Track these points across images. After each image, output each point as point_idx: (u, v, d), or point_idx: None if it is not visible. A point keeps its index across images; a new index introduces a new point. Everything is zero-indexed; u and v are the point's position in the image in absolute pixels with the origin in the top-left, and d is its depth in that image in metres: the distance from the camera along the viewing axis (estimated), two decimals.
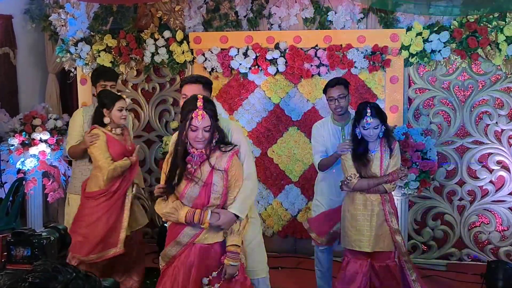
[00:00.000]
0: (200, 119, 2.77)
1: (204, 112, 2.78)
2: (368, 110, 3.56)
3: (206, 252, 2.90)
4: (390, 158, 3.66)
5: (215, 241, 2.91)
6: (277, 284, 4.19)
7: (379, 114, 3.61)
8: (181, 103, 3.03)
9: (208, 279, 2.86)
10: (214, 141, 2.85)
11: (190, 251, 2.89)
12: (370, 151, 3.65)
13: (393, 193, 4.65)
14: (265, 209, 5.42)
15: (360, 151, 3.63)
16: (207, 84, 3.26)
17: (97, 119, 3.96)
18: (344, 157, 3.71)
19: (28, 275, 1.15)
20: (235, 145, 2.95)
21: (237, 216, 2.89)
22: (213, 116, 2.82)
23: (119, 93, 4.14)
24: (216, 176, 2.85)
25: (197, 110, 2.78)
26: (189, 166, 2.86)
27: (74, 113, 4.42)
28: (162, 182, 2.97)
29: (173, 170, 2.87)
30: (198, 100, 2.80)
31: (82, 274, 1.18)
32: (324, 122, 4.16)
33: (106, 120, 3.95)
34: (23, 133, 5.12)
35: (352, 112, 4.01)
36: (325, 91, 4.05)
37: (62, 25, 5.62)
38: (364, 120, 3.56)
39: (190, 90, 3.13)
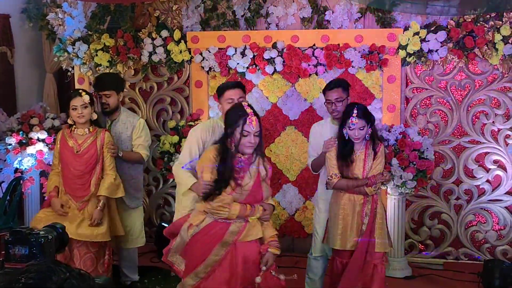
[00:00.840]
0: (254, 124, 2.93)
1: (257, 118, 2.96)
2: (355, 111, 3.56)
3: (250, 249, 3.03)
4: (373, 161, 3.66)
5: (255, 238, 3.07)
6: None
7: (366, 116, 3.61)
8: (225, 108, 3.31)
9: (259, 277, 2.98)
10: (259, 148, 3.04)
11: (235, 252, 3.01)
12: (355, 152, 3.66)
13: (390, 192, 4.70)
14: None
15: (346, 151, 3.64)
16: (244, 88, 3.61)
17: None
18: (328, 155, 3.72)
19: (21, 276, 1.14)
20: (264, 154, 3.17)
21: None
22: (260, 121, 2.99)
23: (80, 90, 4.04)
24: (263, 182, 3.09)
25: (250, 116, 2.93)
26: (237, 171, 2.99)
27: None
28: (207, 178, 3.02)
29: (222, 176, 2.97)
30: (246, 107, 2.98)
31: (75, 272, 1.17)
32: (323, 124, 4.15)
33: (70, 121, 4.00)
34: (21, 132, 5.12)
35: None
36: (324, 92, 4.04)
37: (60, 24, 5.62)
38: (350, 121, 3.57)
39: (235, 94, 3.45)
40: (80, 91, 3.97)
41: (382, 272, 3.70)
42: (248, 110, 2.95)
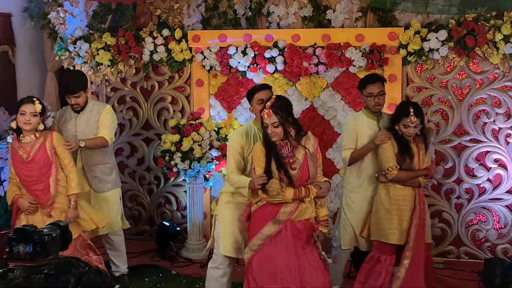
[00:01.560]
0: (267, 117, 3.23)
1: (270, 111, 3.22)
2: (411, 110, 3.71)
3: (303, 226, 3.29)
4: (425, 154, 3.84)
5: (308, 218, 3.31)
6: None
7: (421, 114, 3.78)
8: (257, 108, 3.56)
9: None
10: (290, 134, 3.27)
11: (287, 229, 3.25)
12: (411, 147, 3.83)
13: None
14: None
15: (405, 146, 3.78)
16: (271, 88, 3.82)
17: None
18: (384, 147, 3.82)
19: (43, 267, 1.17)
20: (306, 133, 3.40)
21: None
22: (280, 113, 3.22)
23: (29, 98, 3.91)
24: (309, 161, 3.30)
25: (264, 110, 3.25)
26: (283, 153, 3.27)
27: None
28: (258, 171, 3.29)
29: (269, 166, 3.25)
30: (269, 101, 3.29)
31: (94, 268, 1.22)
32: (358, 116, 4.19)
33: (14, 124, 3.89)
34: None
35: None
36: (363, 87, 4.08)
37: (61, 23, 5.63)
38: (408, 119, 3.70)
39: (264, 95, 3.63)
40: (34, 99, 3.85)
41: (432, 261, 3.94)
42: (267, 104, 3.26)
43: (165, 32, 5.34)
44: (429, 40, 4.82)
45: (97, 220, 4.06)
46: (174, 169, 5.07)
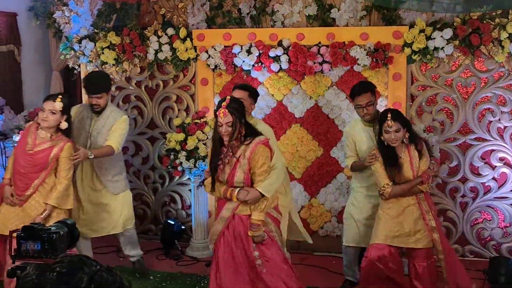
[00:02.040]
0: (222, 116, 3.36)
1: (226, 110, 3.33)
2: (389, 115, 3.70)
3: (246, 220, 3.49)
4: (420, 160, 3.77)
5: (246, 214, 3.51)
6: None
7: (400, 118, 3.75)
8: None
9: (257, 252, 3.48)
10: (240, 135, 3.42)
11: (235, 223, 3.52)
12: (400, 156, 3.77)
13: None
14: None
15: (391, 157, 3.75)
16: (253, 92, 4.08)
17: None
18: (374, 168, 3.84)
19: (55, 265, 1.19)
20: (259, 136, 3.48)
21: (263, 195, 3.44)
22: (235, 113, 3.36)
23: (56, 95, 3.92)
24: (239, 165, 3.44)
25: (220, 109, 3.36)
26: (226, 153, 3.47)
27: None
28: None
29: (213, 160, 3.52)
30: (225, 101, 3.40)
31: (104, 267, 1.23)
32: (354, 124, 4.32)
33: (37, 119, 3.88)
34: None
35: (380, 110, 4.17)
36: (352, 97, 4.18)
37: (66, 23, 5.64)
38: (385, 124, 3.69)
39: (237, 94, 3.83)
40: (58, 96, 3.83)
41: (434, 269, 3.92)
42: (223, 103, 3.38)
43: (170, 31, 5.35)
44: (434, 38, 4.81)
45: None
46: (179, 168, 5.08)
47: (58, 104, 3.75)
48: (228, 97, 3.47)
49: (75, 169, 4.20)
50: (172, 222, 5.42)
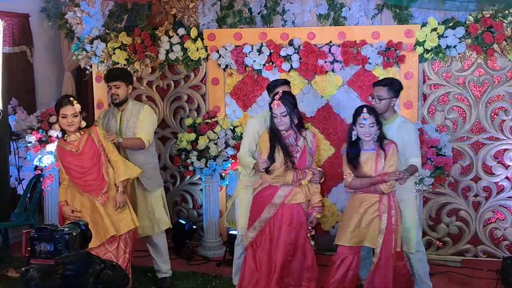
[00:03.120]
0: (276, 108, 3.71)
1: (280, 102, 3.69)
2: (364, 109, 3.70)
3: (295, 210, 3.79)
4: (385, 161, 3.70)
5: (299, 202, 3.80)
6: None
7: (375, 114, 3.74)
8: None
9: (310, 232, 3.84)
10: (293, 125, 3.75)
11: (283, 211, 3.77)
12: (365, 151, 3.74)
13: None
14: None
15: (352, 153, 3.75)
16: (289, 83, 4.28)
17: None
18: (343, 156, 3.88)
19: (58, 267, 1.17)
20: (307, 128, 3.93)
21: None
22: (289, 104, 3.71)
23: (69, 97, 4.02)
24: (306, 151, 3.80)
25: (275, 101, 3.72)
26: (288, 141, 3.77)
27: None
28: (263, 156, 3.78)
29: (273, 147, 3.76)
30: (279, 94, 3.75)
31: (109, 264, 1.22)
32: None
33: (57, 127, 4.05)
34: (40, 130, 5.19)
35: (398, 111, 4.20)
36: (373, 86, 4.16)
37: (78, 23, 5.67)
38: (360, 117, 3.68)
39: (281, 89, 4.01)
40: (71, 99, 3.92)
41: (405, 273, 3.82)
42: (277, 97, 3.72)
43: (181, 31, 5.36)
44: (446, 37, 4.78)
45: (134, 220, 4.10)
46: (190, 168, 5.10)
47: (77, 106, 3.90)
48: (281, 91, 3.82)
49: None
50: (184, 222, 5.44)
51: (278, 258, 3.77)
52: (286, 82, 4.24)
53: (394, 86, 4.03)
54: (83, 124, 3.96)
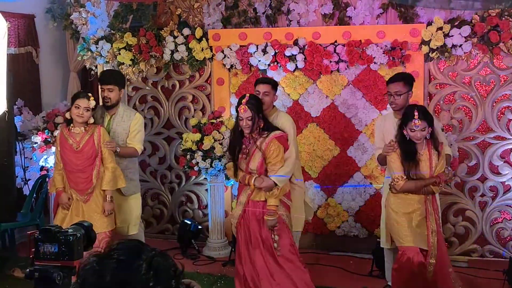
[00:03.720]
0: (242, 112, 3.74)
1: (246, 106, 3.72)
2: (416, 113, 3.59)
3: (260, 205, 3.84)
4: (438, 160, 3.69)
5: (261, 200, 3.83)
6: None
7: (427, 116, 3.66)
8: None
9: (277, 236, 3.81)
10: (258, 128, 3.77)
11: (249, 207, 3.86)
12: (418, 152, 3.69)
13: None
14: None
15: (410, 151, 3.66)
16: (275, 84, 4.25)
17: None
18: (390, 158, 3.75)
19: (113, 252, 1.22)
20: (276, 131, 3.83)
21: (276, 184, 3.77)
22: (254, 109, 3.73)
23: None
24: (256, 154, 3.80)
25: (241, 105, 3.75)
26: (243, 146, 3.85)
27: None
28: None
29: (232, 148, 3.93)
30: (244, 98, 3.78)
31: (158, 251, 1.25)
32: (387, 116, 4.25)
33: (68, 115, 4.14)
34: (46, 131, 5.21)
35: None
36: (387, 84, 4.14)
37: (83, 24, 5.69)
38: (412, 123, 3.59)
39: (262, 88, 4.12)
40: (89, 95, 4.08)
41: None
42: (243, 101, 3.76)
43: (186, 31, 5.36)
44: (452, 36, 4.75)
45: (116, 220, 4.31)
46: (195, 168, 5.10)
47: (92, 103, 4.06)
48: (248, 95, 3.84)
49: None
50: (189, 222, 5.44)
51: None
52: (265, 81, 4.23)
53: (409, 79, 4.08)
54: (91, 120, 4.11)
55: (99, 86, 4.53)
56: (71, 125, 4.11)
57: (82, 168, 4.10)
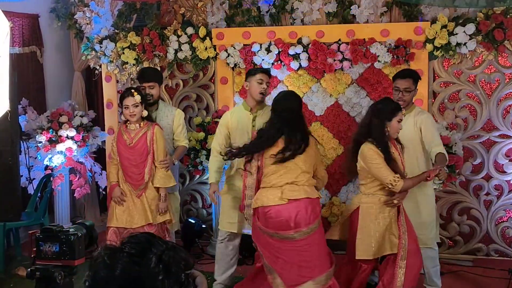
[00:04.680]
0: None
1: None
2: (397, 102, 3.69)
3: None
4: (403, 154, 3.70)
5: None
6: None
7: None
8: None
9: None
10: None
11: None
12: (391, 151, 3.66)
13: None
14: None
15: (388, 151, 3.61)
16: (417, 78, 4.09)
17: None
18: (375, 165, 3.59)
19: (124, 245, 1.23)
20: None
21: None
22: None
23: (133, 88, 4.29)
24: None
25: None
26: None
27: None
28: None
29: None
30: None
31: (170, 245, 1.27)
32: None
33: (123, 117, 4.30)
34: (50, 130, 5.22)
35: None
36: (394, 79, 4.13)
37: (87, 23, 5.70)
38: (402, 112, 3.65)
39: (265, 77, 4.12)
40: (132, 91, 4.18)
41: None
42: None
43: (189, 30, 5.36)
44: (456, 34, 4.73)
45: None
46: (199, 167, 5.10)
47: (137, 97, 4.16)
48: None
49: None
50: (193, 221, 5.44)
51: None
52: (266, 71, 4.24)
53: (417, 77, 4.12)
54: (145, 113, 4.21)
55: (140, 85, 4.55)
56: (128, 122, 4.24)
57: (135, 164, 4.23)
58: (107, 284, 1.18)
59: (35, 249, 1.54)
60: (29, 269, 1.54)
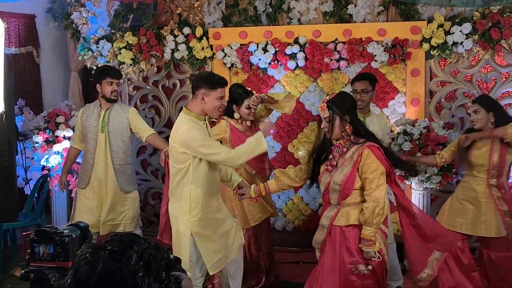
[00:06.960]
0: (320, 111, 3.13)
1: (324, 105, 3.10)
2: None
3: (344, 233, 3.05)
4: None
5: (349, 224, 3.03)
6: (298, 278, 4.21)
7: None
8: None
9: (352, 259, 3.01)
10: (345, 134, 3.06)
11: (335, 233, 3.08)
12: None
13: (415, 187, 4.65)
14: (286, 204, 5.43)
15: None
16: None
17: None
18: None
19: (106, 243, 1.26)
20: (367, 139, 3.05)
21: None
22: (333, 108, 3.06)
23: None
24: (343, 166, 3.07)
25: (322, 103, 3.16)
26: (330, 156, 3.15)
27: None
28: None
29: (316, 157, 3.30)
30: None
31: (152, 244, 1.29)
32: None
33: (236, 115, 4.06)
34: (47, 130, 5.21)
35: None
36: (352, 82, 4.20)
37: (84, 23, 5.69)
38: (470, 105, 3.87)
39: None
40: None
41: None
42: (325, 98, 3.24)
43: (186, 30, 5.36)
44: (452, 33, 4.74)
45: None
46: None
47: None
48: (334, 93, 3.26)
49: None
50: None
51: None
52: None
53: (374, 79, 4.21)
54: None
55: (109, 81, 4.29)
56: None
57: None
58: (88, 280, 1.20)
59: (29, 250, 1.54)
60: (23, 271, 1.53)
